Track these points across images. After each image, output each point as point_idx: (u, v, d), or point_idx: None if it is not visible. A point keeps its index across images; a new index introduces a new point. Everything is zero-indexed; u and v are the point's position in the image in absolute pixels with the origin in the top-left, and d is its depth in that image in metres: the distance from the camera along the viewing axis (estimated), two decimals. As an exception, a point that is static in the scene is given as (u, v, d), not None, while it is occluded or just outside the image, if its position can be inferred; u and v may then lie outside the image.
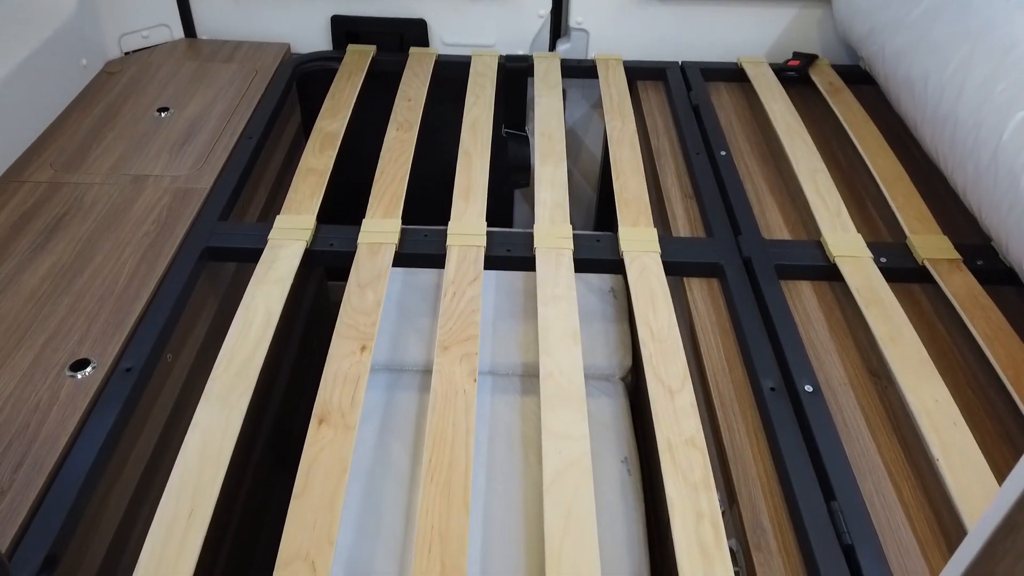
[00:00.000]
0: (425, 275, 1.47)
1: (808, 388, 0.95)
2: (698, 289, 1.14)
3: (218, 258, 1.16)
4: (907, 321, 1.03)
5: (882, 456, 0.90)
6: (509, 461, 1.12)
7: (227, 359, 0.94)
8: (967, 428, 0.89)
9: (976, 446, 0.87)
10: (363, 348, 0.96)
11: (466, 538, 0.76)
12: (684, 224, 1.26)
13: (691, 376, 0.96)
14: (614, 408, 1.24)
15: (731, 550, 0.79)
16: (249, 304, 1.02)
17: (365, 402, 0.92)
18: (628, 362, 1.35)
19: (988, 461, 0.87)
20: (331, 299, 2.00)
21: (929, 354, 0.99)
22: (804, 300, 1.12)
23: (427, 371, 1.28)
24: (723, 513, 0.83)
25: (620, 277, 1.52)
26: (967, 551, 0.41)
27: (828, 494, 0.83)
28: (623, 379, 1.35)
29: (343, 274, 1.10)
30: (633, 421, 1.24)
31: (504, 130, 1.76)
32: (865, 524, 0.80)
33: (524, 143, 1.77)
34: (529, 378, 1.28)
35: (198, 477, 0.81)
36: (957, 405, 0.92)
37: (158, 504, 0.79)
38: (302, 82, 1.67)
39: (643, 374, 0.95)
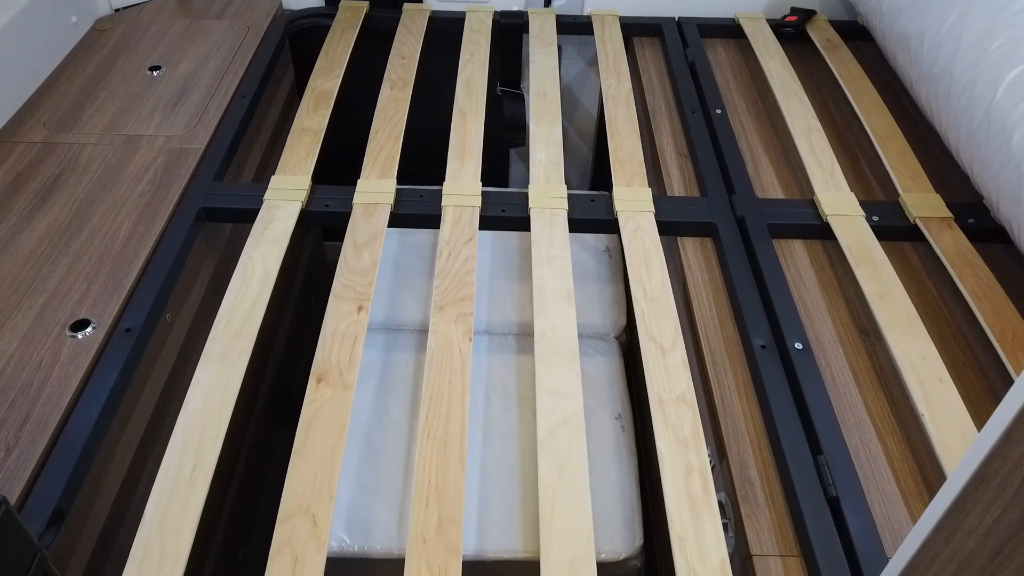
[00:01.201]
0: (421, 235, 1.48)
1: (798, 346, 0.96)
2: (691, 248, 1.15)
3: (214, 219, 1.17)
4: (897, 280, 1.04)
5: (869, 411, 0.92)
6: (504, 418, 1.15)
7: (226, 318, 0.96)
8: (952, 384, 0.91)
9: (961, 401, 0.89)
10: (360, 308, 0.98)
11: (462, 492, 0.79)
12: (679, 183, 1.26)
13: (683, 334, 0.97)
14: (608, 366, 1.26)
15: (720, 503, 0.82)
16: (247, 264, 1.03)
17: (362, 361, 0.94)
18: (622, 321, 1.36)
19: (972, 416, 0.89)
20: (327, 258, 2.01)
21: (917, 311, 1.00)
22: (796, 259, 1.13)
23: (423, 330, 1.30)
24: (712, 467, 0.85)
25: (615, 236, 1.53)
26: (942, 501, 0.43)
27: (815, 448, 0.85)
28: (617, 337, 1.36)
29: (339, 234, 1.10)
30: (627, 378, 1.26)
31: (499, 88, 1.75)
32: (850, 477, 0.82)
33: (519, 101, 1.76)
34: (524, 337, 1.30)
35: (200, 435, 0.82)
36: (943, 361, 0.94)
37: (161, 461, 0.81)
38: (295, 39, 1.65)
39: (635, 329, 0.97)
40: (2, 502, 0.47)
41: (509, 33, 1.67)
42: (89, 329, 0.95)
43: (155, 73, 1.42)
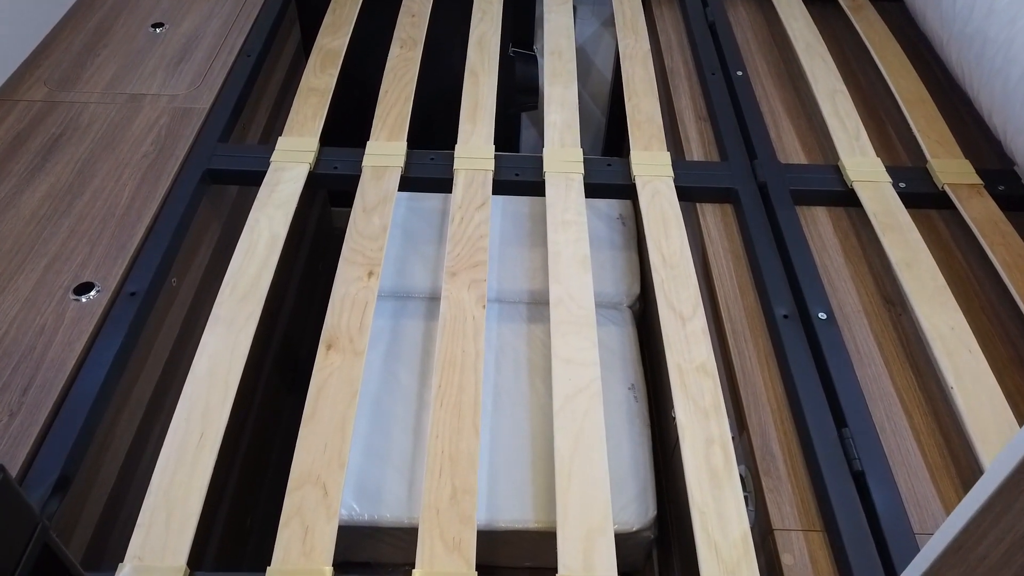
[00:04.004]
0: (430, 200, 1.44)
1: (821, 316, 0.93)
2: (711, 215, 1.12)
3: (219, 181, 1.14)
4: (924, 247, 1.01)
5: (894, 383, 0.89)
6: (516, 386, 1.12)
7: (232, 283, 0.93)
8: (982, 355, 0.88)
9: (990, 373, 0.86)
10: (370, 274, 0.95)
11: (476, 459, 0.77)
12: (698, 147, 1.22)
13: (702, 303, 0.94)
14: (621, 336, 1.24)
15: (740, 476, 0.80)
16: (253, 227, 1.00)
17: (372, 328, 0.91)
18: (636, 289, 1.33)
19: (1002, 388, 0.86)
20: (335, 225, 1.98)
21: (945, 281, 0.97)
22: (820, 226, 1.09)
23: (433, 298, 1.27)
24: (733, 439, 0.83)
25: (628, 204, 1.49)
26: (995, 475, 0.41)
27: (839, 421, 0.83)
28: (631, 306, 1.33)
29: (347, 199, 1.07)
30: (640, 348, 1.24)
31: (511, 49, 1.70)
32: (875, 450, 0.80)
33: (532, 63, 1.71)
34: (536, 306, 1.27)
35: (207, 401, 0.80)
36: (972, 332, 0.91)
37: (168, 428, 0.79)
38: None
39: (651, 301, 0.94)
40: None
41: (522, -9, 1.61)
42: (93, 292, 0.92)
43: (158, 30, 1.38)
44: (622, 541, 1.01)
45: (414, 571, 0.68)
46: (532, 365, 1.16)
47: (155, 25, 1.39)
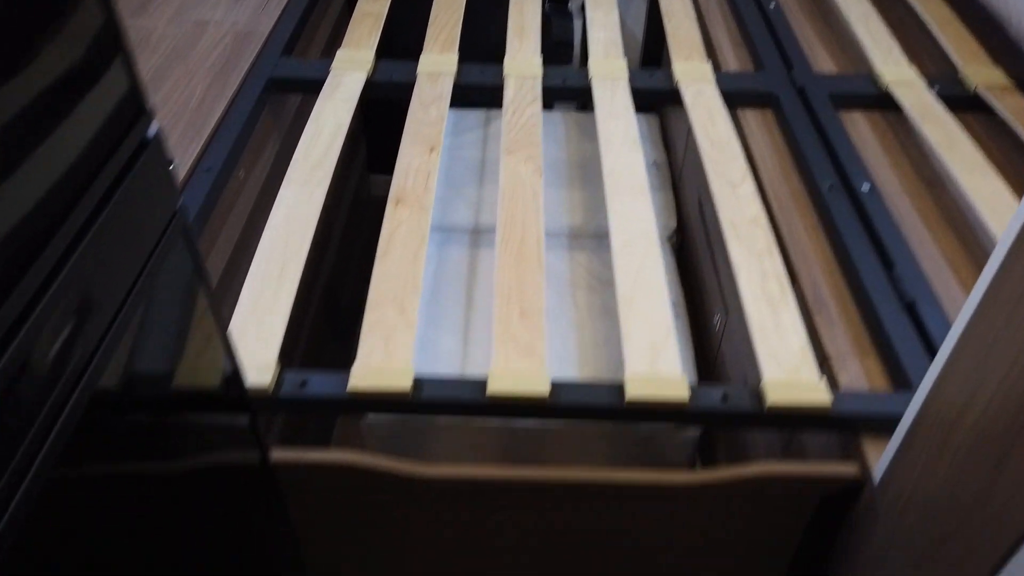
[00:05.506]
0: (470, 150, 1.49)
1: (865, 187, 0.97)
2: (752, 119, 1.16)
3: (282, 89, 1.20)
4: (963, 134, 1.04)
5: (940, 248, 0.92)
6: (559, 303, 1.14)
7: (303, 154, 0.98)
8: (1025, 214, 0.91)
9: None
10: (432, 149, 1.00)
11: (541, 287, 0.80)
12: (734, 64, 1.27)
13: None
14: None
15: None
16: (318, 117, 1.06)
17: None
18: (673, 223, 1.37)
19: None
20: (372, 192, 2.03)
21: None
22: (858, 126, 1.13)
23: (476, 231, 1.30)
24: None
25: (663, 150, 1.54)
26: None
27: (887, 265, 0.86)
28: (669, 239, 1.37)
29: (385, 165, 1.10)
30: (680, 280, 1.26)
31: (546, 2, 1.76)
32: (925, 285, 0.83)
33: (567, 18, 1.78)
34: (576, 238, 1.30)
35: (286, 242, 0.85)
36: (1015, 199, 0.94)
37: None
38: None
39: (687, 233, 0.95)
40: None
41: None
42: (171, 167, 0.97)
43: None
44: (665, 440, 1.04)
45: (489, 371, 0.72)
46: (575, 285, 1.19)
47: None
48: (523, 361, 0.73)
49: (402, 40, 1.53)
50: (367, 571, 0.81)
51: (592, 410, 0.72)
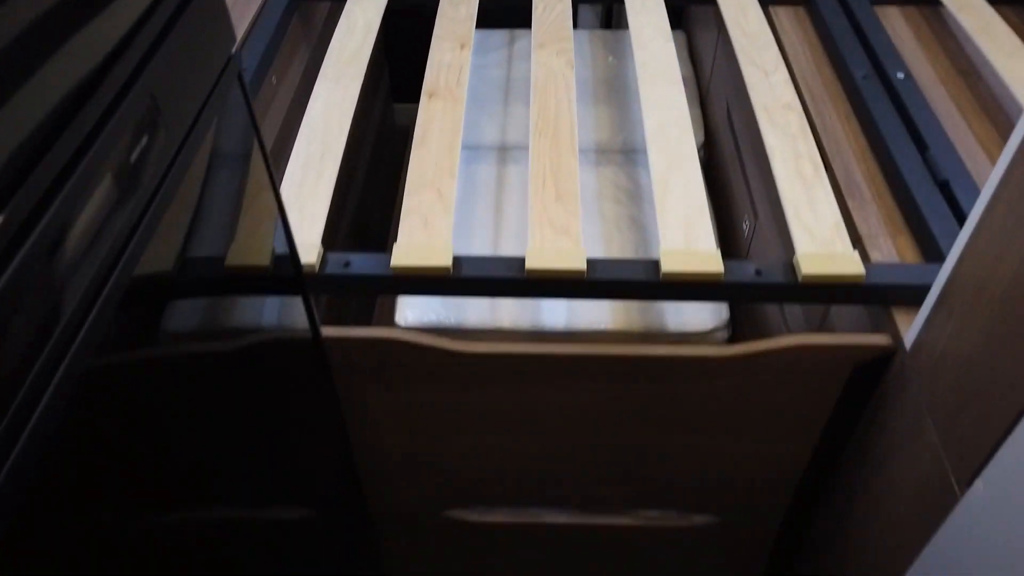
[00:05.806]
0: (495, 69, 1.48)
1: (900, 75, 0.96)
2: (784, 15, 1.14)
3: (309, -5, 1.19)
4: (1000, 20, 1.02)
5: (975, 135, 0.92)
6: (587, 218, 1.14)
7: (336, 53, 0.99)
8: (1065, 96, 0.90)
9: (1073, 109, 0.88)
10: (462, 46, 1.00)
11: (575, 172, 0.81)
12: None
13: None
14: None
15: None
16: (349, 15, 1.06)
17: None
18: (701, 136, 1.36)
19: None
20: (397, 121, 2.02)
21: (1023, 48, 0.99)
22: (893, 21, 1.11)
23: (503, 147, 1.30)
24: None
25: (690, 66, 1.52)
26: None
27: (921, 147, 0.86)
28: (698, 148, 1.36)
29: (411, 93, 1.09)
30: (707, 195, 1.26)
31: None
32: (959, 166, 0.83)
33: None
34: (604, 152, 1.29)
35: (325, 129, 0.86)
36: (1053, 83, 0.93)
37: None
38: None
39: (715, 147, 0.94)
40: None
41: None
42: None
43: None
44: (696, 341, 1.05)
45: (527, 250, 0.74)
46: (602, 197, 1.19)
47: None
48: (560, 240, 0.74)
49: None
50: (407, 446, 0.85)
51: (628, 285, 0.74)
